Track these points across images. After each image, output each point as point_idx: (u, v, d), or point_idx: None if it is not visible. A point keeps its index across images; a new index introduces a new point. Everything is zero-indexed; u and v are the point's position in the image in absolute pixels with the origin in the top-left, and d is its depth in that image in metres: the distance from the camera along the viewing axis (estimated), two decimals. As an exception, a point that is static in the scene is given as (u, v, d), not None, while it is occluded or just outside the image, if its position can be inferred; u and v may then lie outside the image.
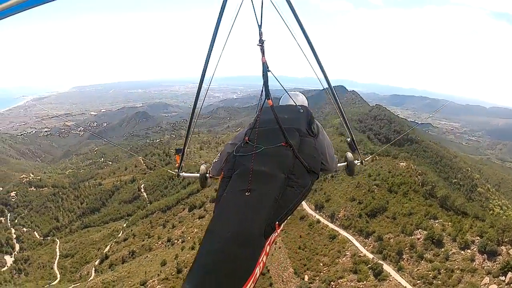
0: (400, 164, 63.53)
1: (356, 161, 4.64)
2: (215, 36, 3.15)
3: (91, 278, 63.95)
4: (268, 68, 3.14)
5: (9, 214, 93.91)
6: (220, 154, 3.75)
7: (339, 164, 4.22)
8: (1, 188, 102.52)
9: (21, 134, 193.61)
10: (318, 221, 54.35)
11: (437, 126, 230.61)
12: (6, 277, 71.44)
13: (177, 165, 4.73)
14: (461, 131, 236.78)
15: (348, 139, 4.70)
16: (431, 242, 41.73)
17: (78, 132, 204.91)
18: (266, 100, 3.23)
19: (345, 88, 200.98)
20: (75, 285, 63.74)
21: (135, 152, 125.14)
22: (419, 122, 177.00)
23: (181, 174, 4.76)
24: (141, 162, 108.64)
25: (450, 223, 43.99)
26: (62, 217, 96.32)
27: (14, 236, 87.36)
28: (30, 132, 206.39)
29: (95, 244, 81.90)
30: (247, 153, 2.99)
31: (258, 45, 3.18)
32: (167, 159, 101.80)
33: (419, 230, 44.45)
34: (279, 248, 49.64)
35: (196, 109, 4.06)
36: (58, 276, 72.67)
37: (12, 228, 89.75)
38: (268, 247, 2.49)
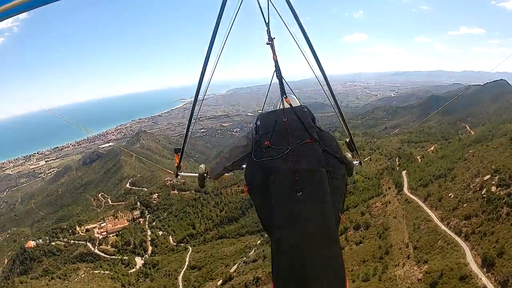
0: None
1: (355, 162, 4.31)
2: (215, 35, 3.08)
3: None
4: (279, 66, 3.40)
5: (148, 216, 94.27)
6: (219, 161, 3.74)
7: None
8: (146, 189, 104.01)
9: (178, 135, 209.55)
10: (485, 288, 34.97)
11: None
12: (131, 280, 70.08)
13: (176, 165, 4.59)
14: None
15: (347, 140, 4.53)
16: None
17: (233, 133, 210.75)
18: (284, 98, 3.40)
19: (508, 83, 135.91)
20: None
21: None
22: None
23: (180, 174, 4.64)
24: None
25: None
26: (199, 224, 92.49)
27: (149, 238, 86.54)
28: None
29: (224, 259, 74.00)
30: (277, 156, 2.83)
31: (267, 43, 3.32)
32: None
33: None
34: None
35: (195, 108, 4.16)
36: (180, 288, 66.04)
37: (148, 230, 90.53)
38: None
